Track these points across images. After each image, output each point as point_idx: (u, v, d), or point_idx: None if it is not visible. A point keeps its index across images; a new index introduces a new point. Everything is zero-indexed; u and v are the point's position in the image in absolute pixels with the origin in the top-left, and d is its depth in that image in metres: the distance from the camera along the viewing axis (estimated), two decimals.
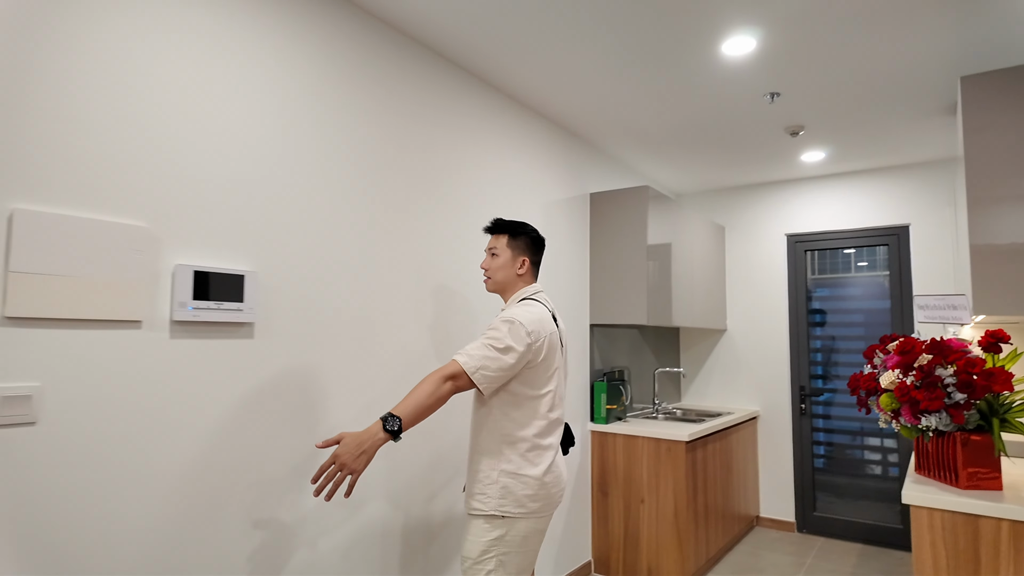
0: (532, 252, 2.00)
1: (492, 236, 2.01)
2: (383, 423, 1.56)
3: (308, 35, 2.00)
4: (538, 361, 1.79)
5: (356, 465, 1.52)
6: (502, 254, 1.96)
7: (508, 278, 1.96)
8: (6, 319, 1.32)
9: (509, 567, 1.73)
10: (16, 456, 1.32)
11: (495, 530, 1.73)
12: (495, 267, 1.96)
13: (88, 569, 1.42)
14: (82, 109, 1.45)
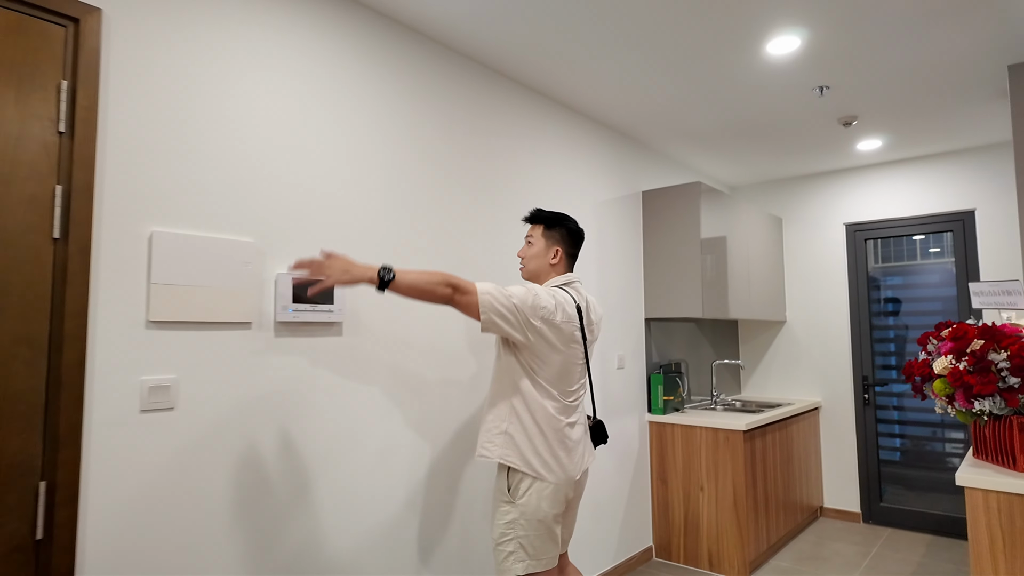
0: (568, 244, 2.05)
1: (530, 226, 2.09)
2: (380, 268, 1.64)
3: (381, 68, 2.24)
4: (544, 337, 1.82)
5: (336, 275, 1.62)
6: (536, 243, 2.04)
7: (541, 267, 2.03)
8: (150, 323, 1.60)
9: (528, 548, 1.82)
10: (160, 436, 1.61)
11: (511, 512, 1.84)
12: (529, 255, 2.05)
13: (219, 522, 1.69)
14: (203, 149, 1.73)
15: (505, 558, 1.83)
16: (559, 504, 1.87)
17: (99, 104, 1.54)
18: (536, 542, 1.83)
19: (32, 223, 1.43)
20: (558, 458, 1.85)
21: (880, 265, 4.34)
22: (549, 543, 1.86)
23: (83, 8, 1.52)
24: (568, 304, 1.91)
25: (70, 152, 1.48)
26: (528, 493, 1.83)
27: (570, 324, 1.89)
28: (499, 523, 1.86)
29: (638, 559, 3.45)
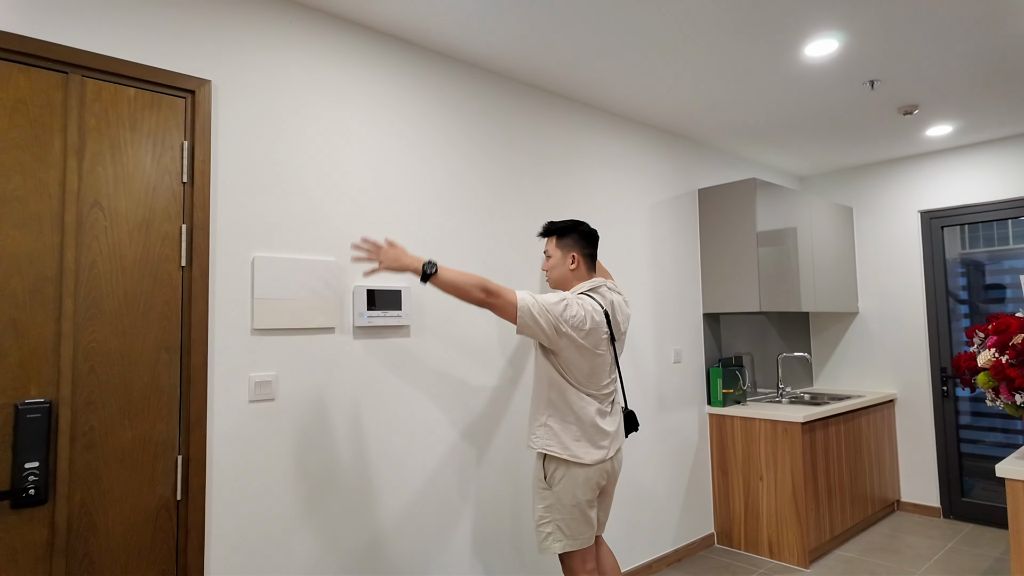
0: (582, 247, 2.20)
1: (545, 240, 2.26)
2: (426, 263, 1.90)
3: (439, 102, 2.54)
4: (576, 342, 2.01)
5: (388, 262, 1.91)
6: (553, 255, 2.21)
7: (563, 275, 2.20)
8: (255, 330, 1.99)
9: (564, 530, 2.02)
10: (264, 421, 1.99)
11: (548, 497, 2.04)
12: (549, 267, 2.23)
13: (308, 489, 2.07)
14: (292, 188, 2.09)
15: (544, 538, 2.05)
16: (591, 490, 2.06)
17: (211, 157, 1.93)
18: (572, 524, 2.03)
19: (167, 255, 1.84)
20: (589, 448, 2.04)
21: (965, 252, 4.18)
22: (584, 525, 2.05)
23: (197, 81, 1.91)
24: (596, 312, 2.07)
25: (191, 197, 1.88)
26: (563, 480, 2.03)
27: (598, 330, 2.06)
28: (538, 507, 2.07)
29: (699, 544, 3.59)
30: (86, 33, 1.73)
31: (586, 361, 2.05)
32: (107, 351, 1.72)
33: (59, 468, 1.63)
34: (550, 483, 2.05)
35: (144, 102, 1.83)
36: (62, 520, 1.63)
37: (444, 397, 2.46)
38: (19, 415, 1.57)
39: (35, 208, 1.64)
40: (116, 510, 1.72)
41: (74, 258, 1.68)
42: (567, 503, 2.03)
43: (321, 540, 2.08)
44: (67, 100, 1.70)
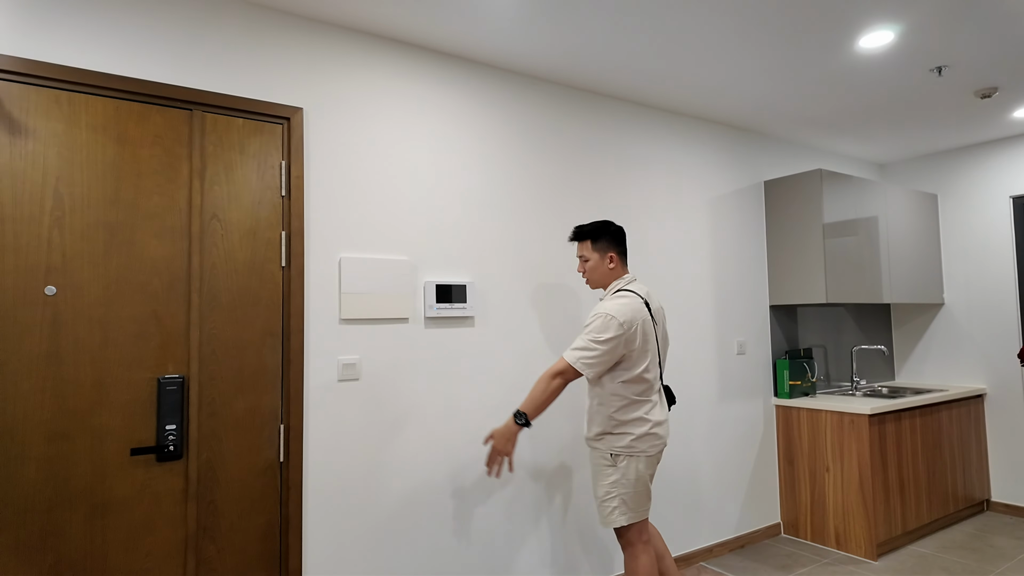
0: (616, 245, 2.33)
1: (578, 244, 2.38)
2: (515, 418, 2.15)
3: (499, 113, 2.78)
4: (635, 346, 2.18)
5: (507, 449, 2.16)
6: (591, 257, 2.35)
7: (602, 275, 2.35)
8: (342, 320, 2.32)
9: (629, 503, 2.20)
10: (350, 397, 2.32)
11: (613, 474, 2.20)
12: (589, 270, 2.37)
13: (384, 456, 2.38)
14: (371, 197, 2.41)
15: (610, 512, 2.21)
16: (653, 465, 2.25)
17: (304, 174, 2.27)
18: (636, 498, 2.21)
19: (270, 257, 2.20)
20: (645, 436, 2.21)
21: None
22: (645, 498, 2.25)
23: (291, 109, 2.25)
24: (638, 306, 2.23)
25: (288, 208, 2.23)
26: (628, 458, 2.20)
27: (645, 324, 2.23)
28: (603, 484, 2.23)
29: (764, 533, 3.64)
30: (204, 74, 2.11)
31: (643, 354, 2.22)
32: (224, 337, 2.10)
33: (190, 431, 2.02)
34: (615, 460, 2.21)
35: (250, 129, 2.19)
36: (193, 472, 2.02)
37: (501, 380, 2.71)
38: (161, 387, 1.96)
39: (169, 221, 2.03)
40: (233, 467, 2.09)
41: (199, 261, 2.07)
42: (631, 478, 2.20)
43: (394, 493, 2.39)
44: (192, 132, 2.08)
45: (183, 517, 2.00)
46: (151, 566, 1.94)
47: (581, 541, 2.89)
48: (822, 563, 3.30)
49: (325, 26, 2.36)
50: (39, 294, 1.83)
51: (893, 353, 4.64)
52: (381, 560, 2.34)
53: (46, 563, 1.80)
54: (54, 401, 1.83)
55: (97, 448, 1.88)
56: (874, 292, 3.86)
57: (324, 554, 2.22)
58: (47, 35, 1.87)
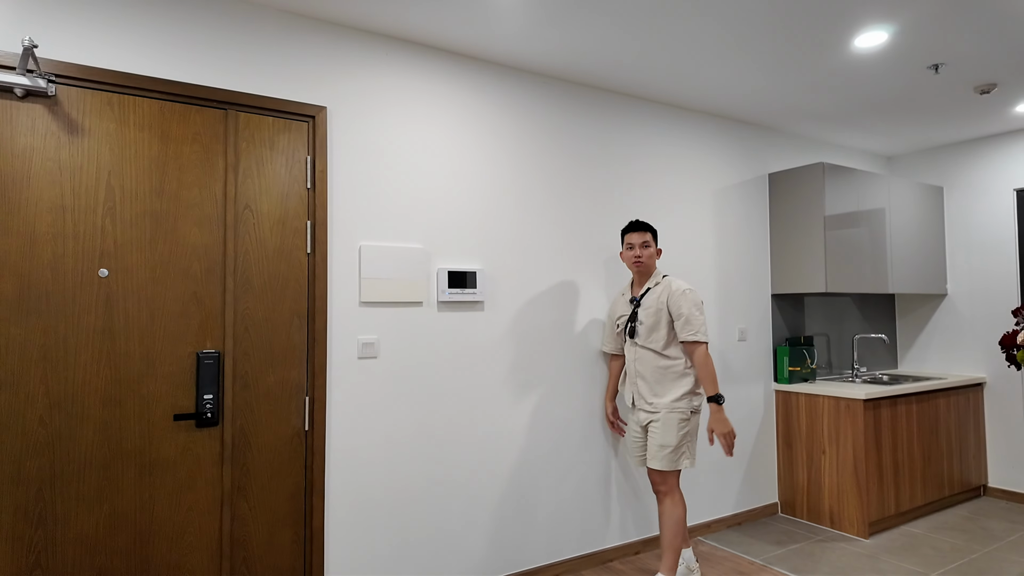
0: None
1: (644, 232, 2.84)
2: (715, 402, 2.65)
3: (510, 110, 2.95)
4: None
5: (728, 429, 2.64)
6: (652, 246, 2.83)
7: (654, 262, 2.85)
8: (362, 303, 2.52)
9: (692, 450, 2.73)
10: (368, 373, 2.53)
11: (686, 426, 2.70)
12: (648, 255, 2.82)
13: (402, 431, 2.59)
14: (390, 190, 2.60)
15: (680, 457, 2.70)
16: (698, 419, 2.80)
17: (328, 168, 2.47)
18: (695, 446, 2.77)
19: (296, 244, 2.41)
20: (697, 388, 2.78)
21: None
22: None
23: (316, 108, 2.45)
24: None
25: (313, 200, 2.43)
26: (699, 413, 2.76)
27: None
28: (678, 434, 2.69)
29: (761, 511, 3.81)
30: (237, 77, 2.31)
31: None
32: (256, 316, 2.32)
33: (225, 401, 2.24)
34: (691, 415, 2.73)
35: (279, 127, 2.39)
36: (228, 438, 2.25)
37: (507, 358, 2.91)
38: (199, 360, 2.19)
39: (207, 211, 2.25)
40: (264, 434, 2.32)
41: (233, 248, 2.28)
42: (696, 429, 2.76)
43: (409, 461, 2.61)
44: (227, 130, 2.29)
45: (219, 477, 2.23)
46: (192, 519, 2.18)
47: (581, 511, 3.09)
48: (815, 540, 3.46)
49: (347, 29, 2.55)
50: (94, 276, 2.06)
51: (896, 342, 4.75)
52: (395, 520, 2.56)
53: (103, 513, 2.04)
54: (108, 371, 2.06)
55: (145, 413, 2.12)
56: (878, 282, 3.97)
57: (344, 514, 2.45)
58: (99, 42, 2.09)
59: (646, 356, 2.77)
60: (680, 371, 2.74)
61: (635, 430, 2.85)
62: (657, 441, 2.70)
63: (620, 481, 3.23)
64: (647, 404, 2.76)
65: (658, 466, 2.69)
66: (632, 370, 2.83)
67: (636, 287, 2.90)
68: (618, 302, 3.00)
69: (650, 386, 2.76)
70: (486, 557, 2.78)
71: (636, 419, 2.83)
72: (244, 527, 2.27)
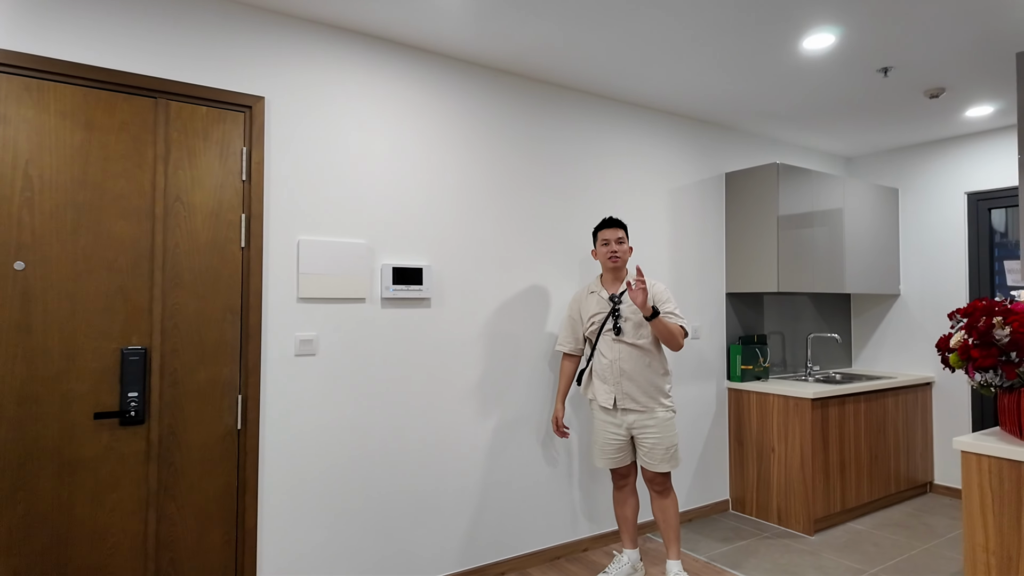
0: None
1: (618, 228, 2.82)
2: (654, 308, 2.62)
3: (457, 102, 2.91)
4: None
5: (641, 300, 2.57)
6: (626, 242, 2.83)
7: (627, 260, 2.85)
8: (300, 299, 2.47)
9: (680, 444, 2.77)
10: (307, 371, 2.48)
11: (675, 425, 2.76)
12: (624, 250, 2.82)
13: (341, 430, 2.55)
14: (331, 182, 2.55)
15: (676, 451, 2.76)
16: None
17: (264, 159, 2.41)
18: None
19: (230, 237, 2.34)
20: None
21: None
22: None
23: (253, 98, 2.38)
24: None
25: (249, 192, 2.37)
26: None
27: None
28: (673, 433, 2.75)
29: (712, 508, 3.84)
30: (169, 64, 2.23)
31: None
32: (186, 312, 2.25)
33: (152, 398, 2.18)
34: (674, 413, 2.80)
35: (213, 117, 2.32)
36: (155, 436, 2.19)
37: (455, 356, 2.88)
38: (124, 357, 2.12)
39: (135, 203, 2.17)
40: (194, 432, 2.26)
41: (162, 241, 2.21)
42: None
43: (346, 457, 2.57)
44: (156, 119, 2.22)
45: (145, 477, 2.17)
46: (116, 520, 2.12)
47: (530, 509, 3.09)
48: (761, 536, 3.50)
49: (288, 18, 2.48)
50: (9, 269, 1.98)
51: (851, 341, 4.82)
52: (334, 519, 2.52)
53: (16, 514, 1.98)
54: (24, 367, 1.99)
55: (65, 411, 2.05)
56: (834, 282, 4.01)
57: (278, 513, 2.40)
58: (16, 25, 2.00)
59: (632, 355, 2.72)
60: (662, 370, 2.77)
61: (616, 432, 2.76)
62: (662, 444, 2.71)
63: (570, 479, 3.23)
64: (638, 405, 2.72)
65: (666, 468, 2.72)
66: (615, 370, 2.74)
67: (610, 285, 2.84)
68: (586, 300, 2.89)
69: (640, 386, 2.72)
70: (431, 555, 2.76)
71: (618, 421, 2.75)
72: (172, 527, 2.21)
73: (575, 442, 3.26)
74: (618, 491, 2.89)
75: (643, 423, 2.71)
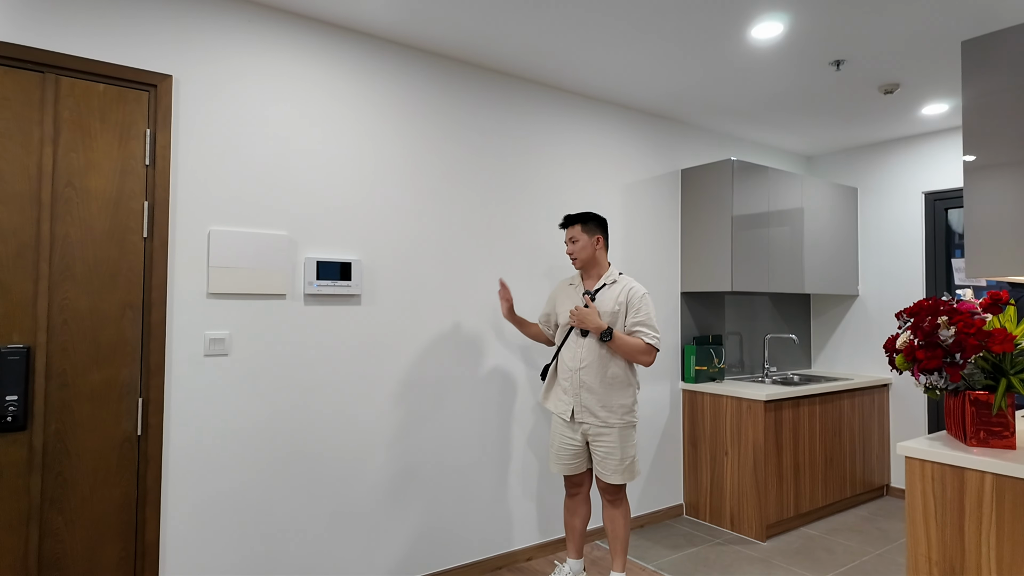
0: (603, 230, 2.68)
1: (571, 227, 2.66)
2: (605, 327, 2.46)
3: (394, 89, 2.75)
4: None
5: (582, 320, 2.48)
6: (580, 238, 2.63)
7: (590, 255, 2.65)
8: (210, 294, 2.29)
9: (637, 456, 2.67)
10: (218, 372, 2.30)
11: (633, 435, 2.59)
12: (578, 249, 2.64)
13: (254, 437, 2.38)
14: (247, 168, 2.37)
15: (634, 464, 2.59)
16: None
17: (172, 143, 2.22)
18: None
19: (131, 227, 2.15)
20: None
21: None
22: None
23: (159, 77, 2.20)
24: None
25: (153, 178, 2.19)
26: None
27: None
28: (630, 445, 2.58)
29: (665, 514, 3.73)
30: (61, 36, 2.04)
31: None
32: (78, 307, 2.06)
33: (35, 402, 1.99)
34: (634, 426, 2.61)
35: (113, 96, 2.13)
36: (38, 444, 1.99)
37: (389, 359, 2.71)
38: (1, 357, 1.92)
39: (17, 187, 1.98)
40: (87, 439, 2.07)
41: (50, 229, 2.02)
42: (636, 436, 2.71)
43: (261, 465, 2.39)
44: (44, 96, 2.02)
45: (26, 488, 1.97)
46: None
47: (468, 518, 2.94)
48: (713, 543, 3.40)
49: None
50: None
51: (811, 342, 4.75)
52: (249, 531, 2.35)
53: None
54: None
55: None
56: (793, 282, 3.93)
57: (185, 526, 2.22)
58: None
59: (596, 364, 2.53)
60: (627, 382, 2.58)
61: (572, 439, 2.61)
62: (616, 456, 2.54)
63: (511, 488, 3.08)
64: (595, 419, 2.54)
65: (619, 480, 2.55)
66: (575, 380, 2.56)
67: (587, 281, 2.69)
68: (564, 292, 2.72)
69: (598, 398, 2.54)
70: (356, 570, 2.60)
71: (573, 428, 2.60)
72: (58, 543, 2.02)
73: (523, 446, 3.12)
74: (569, 499, 2.74)
75: (598, 430, 2.56)
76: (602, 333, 2.48)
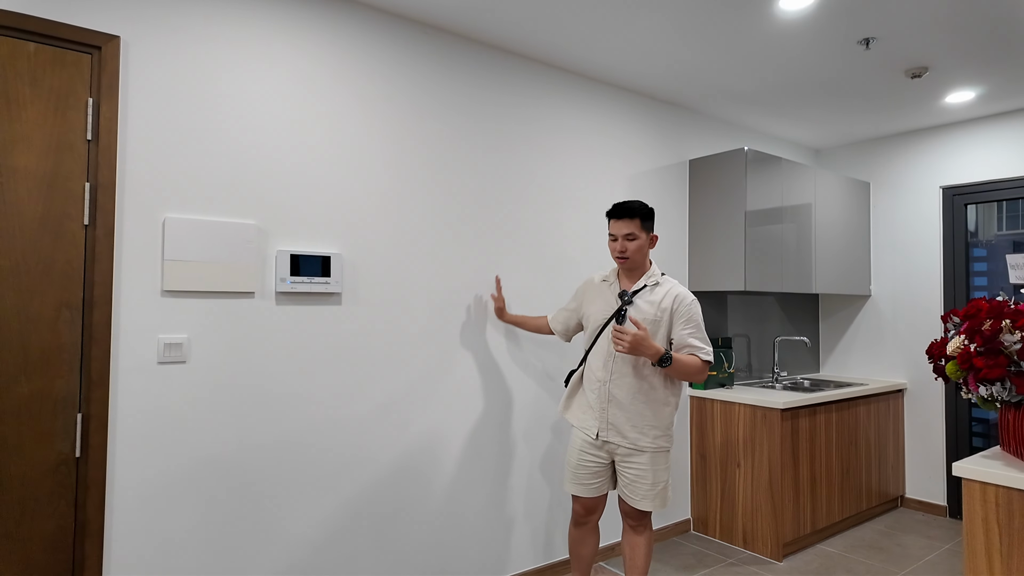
0: (653, 227, 2.34)
1: (628, 220, 2.24)
2: (664, 353, 2.11)
3: (378, 62, 2.44)
4: None
5: (635, 348, 2.06)
6: (639, 236, 2.25)
7: (644, 254, 2.30)
8: (164, 292, 1.97)
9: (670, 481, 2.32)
10: (174, 383, 1.98)
11: (667, 460, 2.29)
12: (635, 248, 2.25)
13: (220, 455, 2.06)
14: (209, 146, 2.05)
15: (665, 488, 2.28)
16: None
17: (119, 115, 1.90)
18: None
19: (69, 213, 1.83)
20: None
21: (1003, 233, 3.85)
22: None
23: (104, 37, 1.88)
24: None
25: (96, 156, 1.86)
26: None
27: None
28: (662, 470, 2.27)
29: (673, 530, 3.46)
30: None
31: None
32: (3, 307, 1.73)
33: None
34: (668, 451, 2.29)
35: (46, 58, 1.81)
36: None
37: (374, 364, 2.41)
38: None
39: None
40: (12, 463, 1.74)
41: None
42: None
43: (227, 488, 2.08)
44: None
45: None
46: None
47: (459, 539, 2.64)
48: (727, 563, 3.13)
49: None
50: None
51: (819, 345, 4.52)
52: (205, 564, 2.03)
53: None
54: None
55: None
56: (802, 282, 3.69)
57: (134, 562, 1.90)
58: None
59: (629, 378, 2.22)
60: (663, 398, 2.24)
61: (596, 456, 2.30)
62: (647, 480, 2.23)
63: (508, 506, 2.79)
64: (623, 439, 2.23)
65: (648, 507, 2.24)
66: (603, 393, 2.25)
67: (625, 280, 2.34)
68: (596, 290, 2.39)
69: (628, 416, 2.22)
70: None
71: (598, 447, 2.29)
72: None
73: (525, 462, 2.83)
74: (575, 527, 2.42)
75: (626, 451, 2.25)
76: (660, 358, 2.11)
